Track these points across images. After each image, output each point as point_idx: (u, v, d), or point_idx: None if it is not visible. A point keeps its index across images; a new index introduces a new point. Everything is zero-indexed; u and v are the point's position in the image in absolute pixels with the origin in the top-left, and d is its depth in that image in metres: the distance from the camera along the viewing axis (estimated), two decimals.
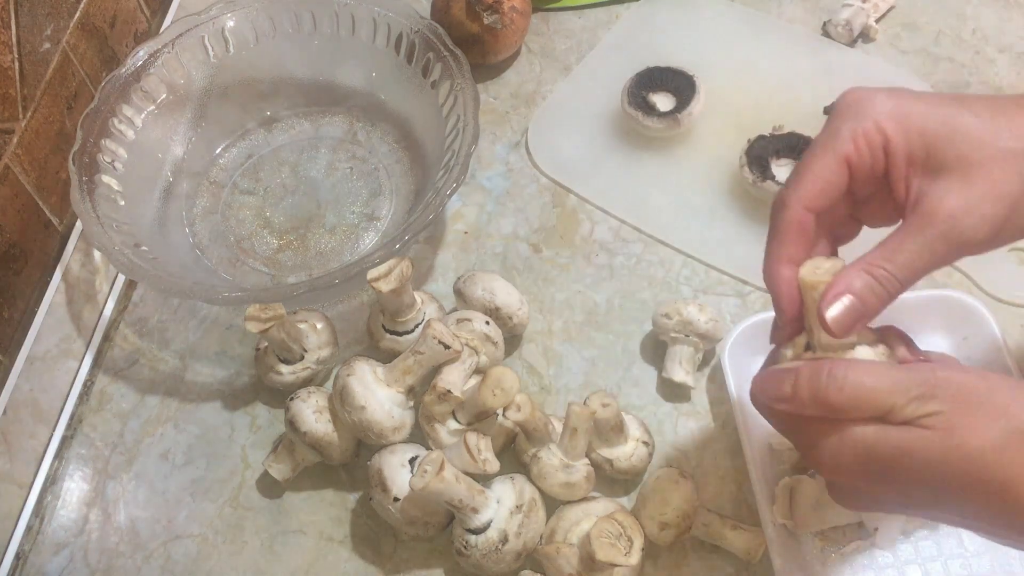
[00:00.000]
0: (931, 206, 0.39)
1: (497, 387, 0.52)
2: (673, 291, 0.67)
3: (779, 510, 0.54)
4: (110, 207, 0.64)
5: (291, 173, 0.75)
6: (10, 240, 0.66)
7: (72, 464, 0.62)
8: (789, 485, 0.54)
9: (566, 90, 0.78)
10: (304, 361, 0.61)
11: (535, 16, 0.82)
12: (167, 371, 0.66)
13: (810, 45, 0.79)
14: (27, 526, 0.60)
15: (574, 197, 0.72)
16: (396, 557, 0.57)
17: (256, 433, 0.63)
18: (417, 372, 0.55)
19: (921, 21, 0.81)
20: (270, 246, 0.71)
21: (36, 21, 0.68)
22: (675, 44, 0.80)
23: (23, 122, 0.67)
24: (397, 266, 0.57)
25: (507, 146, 0.76)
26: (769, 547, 0.53)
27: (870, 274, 0.40)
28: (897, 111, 0.40)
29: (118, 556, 0.58)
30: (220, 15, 0.72)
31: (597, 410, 0.53)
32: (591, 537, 0.48)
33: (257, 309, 0.56)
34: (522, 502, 0.52)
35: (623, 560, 0.48)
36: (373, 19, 0.72)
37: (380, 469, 0.54)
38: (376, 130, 0.76)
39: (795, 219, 0.41)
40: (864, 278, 0.40)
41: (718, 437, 0.60)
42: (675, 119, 0.71)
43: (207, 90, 0.74)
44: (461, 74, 0.67)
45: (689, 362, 0.61)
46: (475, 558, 0.52)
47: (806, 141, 0.69)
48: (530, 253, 0.70)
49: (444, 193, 0.61)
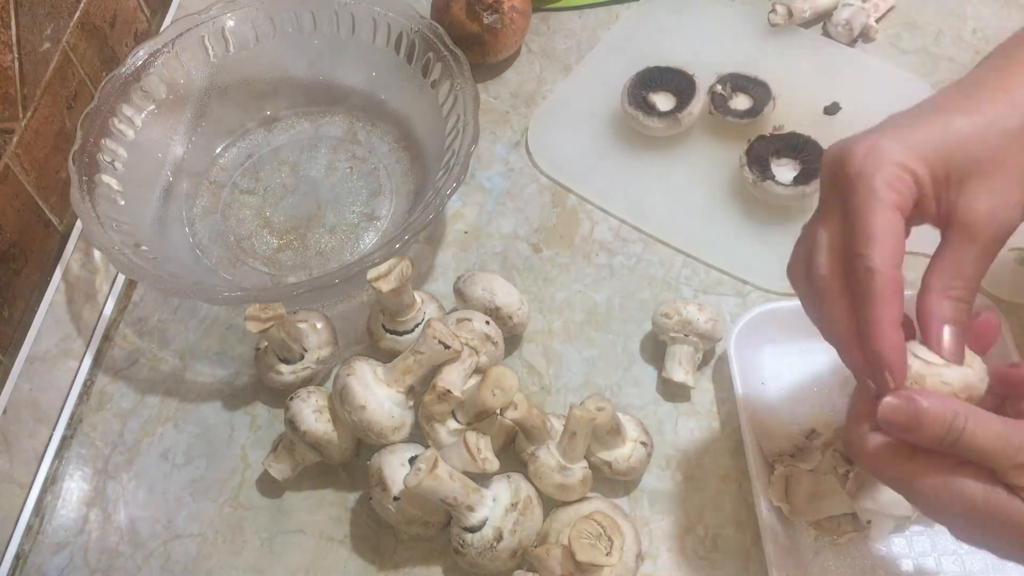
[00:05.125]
0: (969, 216, 0.41)
1: (497, 387, 0.52)
2: (673, 291, 0.67)
3: (775, 494, 0.54)
4: (110, 207, 0.64)
5: (291, 173, 0.75)
6: (10, 240, 0.66)
7: (72, 464, 0.62)
8: (785, 474, 0.55)
9: (566, 90, 0.78)
10: (304, 361, 0.61)
11: (535, 16, 0.82)
12: (167, 371, 0.66)
13: (810, 45, 0.79)
14: (27, 526, 0.60)
15: (574, 197, 0.73)
16: (396, 556, 0.57)
17: (256, 433, 0.63)
18: (417, 372, 0.56)
19: (921, 21, 0.81)
20: (270, 246, 0.71)
21: (36, 21, 0.68)
22: (675, 44, 0.80)
23: (23, 122, 0.67)
24: (397, 266, 0.57)
25: (507, 146, 0.76)
26: (762, 536, 0.53)
27: (950, 297, 0.41)
28: (907, 146, 0.41)
29: (118, 556, 0.58)
30: (220, 15, 0.72)
31: (597, 415, 0.53)
32: (570, 538, 0.48)
33: (257, 309, 0.56)
34: (517, 500, 0.52)
35: (603, 560, 0.48)
36: (373, 19, 0.72)
37: (380, 468, 0.54)
38: (376, 130, 0.76)
39: (892, 280, 0.40)
40: (948, 303, 0.41)
41: (718, 437, 0.60)
42: (675, 119, 0.71)
43: (207, 90, 0.74)
44: (461, 74, 0.67)
45: (689, 362, 0.61)
46: (471, 556, 0.52)
47: (806, 141, 0.69)
48: (530, 253, 0.70)
49: (444, 193, 0.61)
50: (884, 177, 0.41)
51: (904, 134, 0.42)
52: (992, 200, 0.41)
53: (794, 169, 0.69)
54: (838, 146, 0.43)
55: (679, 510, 0.58)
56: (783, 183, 0.67)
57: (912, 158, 0.41)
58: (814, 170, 0.67)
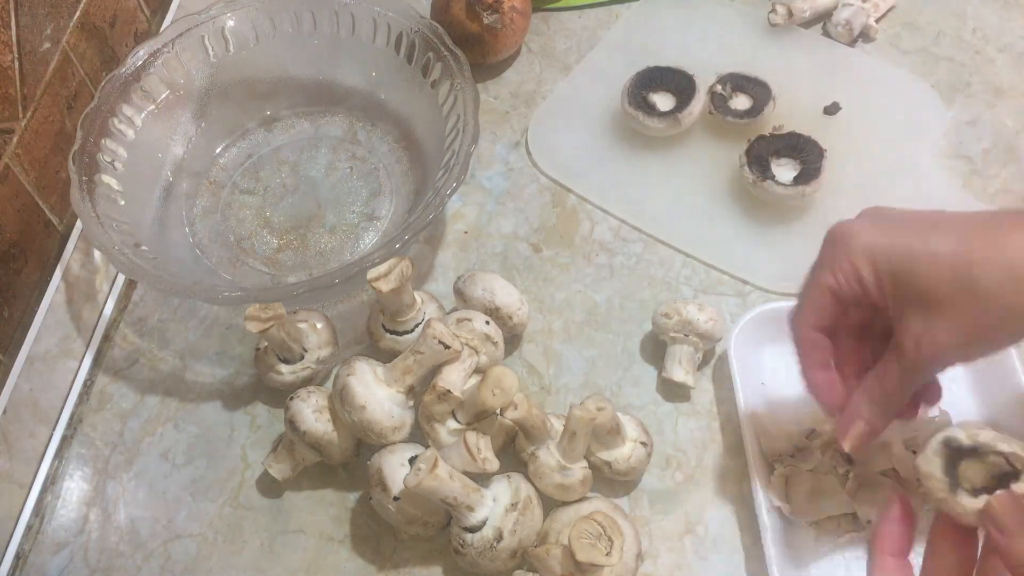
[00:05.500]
0: (901, 336, 0.44)
1: (497, 387, 0.52)
2: (673, 291, 0.67)
3: (775, 494, 0.54)
4: (110, 207, 0.64)
5: (291, 173, 0.75)
6: (10, 240, 0.66)
7: (72, 464, 0.62)
8: (785, 474, 0.54)
9: (566, 90, 0.78)
10: (304, 361, 0.61)
11: (535, 16, 0.82)
12: (167, 371, 0.66)
13: (810, 45, 0.79)
14: (27, 525, 0.60)
15: (574, 197, 0.73)
16: (396, 556, 0.57)
17: (256, 433, 0.63)
18: (417, 372, 0.55)
19: (921, 21, 0.81)
20: (270, 246, 0.71)
21: (36, 21, 0.68)
22: (675, 44, 0.80)
23: (23, 122, 0.67)
24: (397, 266, 0.57)
25: (507, 146, 0.76)
26: (762, 536, 0.53)
27: (871, 399, 0.46)
28: (868, 248, 0.45)
29: (118, 556, 0.58)
30: (220, 15, 0.72)
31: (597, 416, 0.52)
32: (570, 538, 0.48)
33: (257, 309, 0.56)
34: (517, 500, 0.52)
35: (603, 560, 0.48)
36: (373, 19, 0.72)
37: (380, 468, 0.54)
38: (376, 130, 0.76)
39: (807, 337, 0.49)
40: (865, 403, 0.47)
41: (718, 437, 0.60)
42: (675, 119, 0.71)
43: (207, 90, 0.74)
44: (461, 74, 0.67)
45: (689, 362, 0.61)
46: (471, 556, 0.52)
47: (806, 141, 0.69)
48: (530, 253, 0.70)
49: (444, 193, 0.61)
50: (832, 262, 0.46)
51: (877, 238, 0.45)
52: (922, 331, 0.43)
53: (794, 169, 0.69)
54: (843, 221, 0.47)
55: (679, 510, 0.58)
56: (783, 183, 0.67)
57: (864, 262, 0.45)
58: (814, 170, 0.67)
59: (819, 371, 0.49)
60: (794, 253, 0.46)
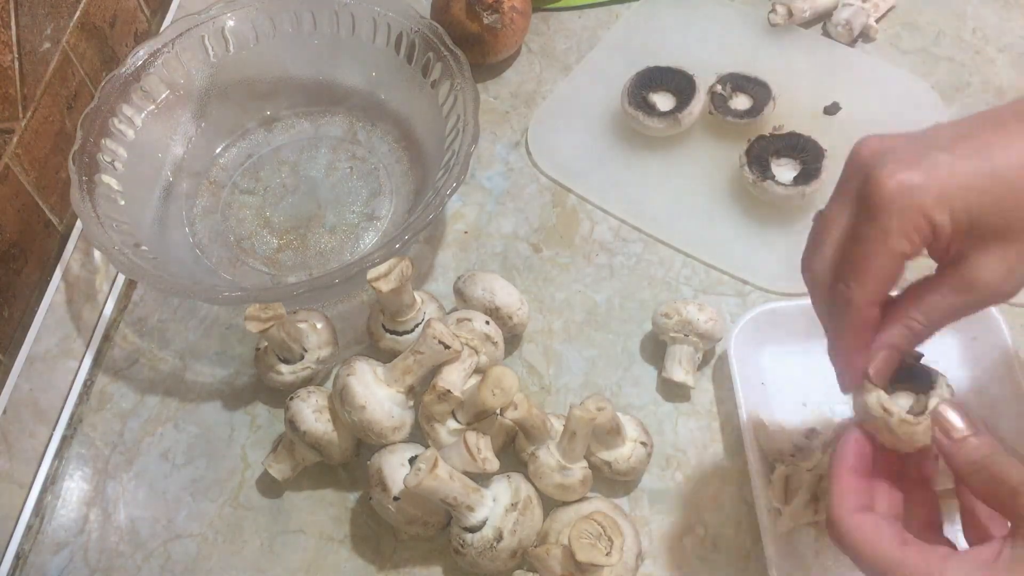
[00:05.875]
0: (973, 275, 0.40)
1: (497, 387, 0.52)
2: (673, 291, 0.67)
3: (775, 495, 0.54)
4: (110, 207, 0.64)
5: (291, 173, 0.75)
6: (10, 240, 0.66)
7: (72, 464, 0.62)
8: (785, 474, 0.54)
9: (566, 90, 0.78)
10: (304, 361, 0.61)
11: (535, 16, 0.82)
12: (167, 371, 0.66)
13: (810, 45, 0.79)
14: (27, 525, 0.60)
15: (574, 197, 0.73)
16: (396, 556, 0.57)
17: (256, 433, 0.63)
18: (417, 372, 0.56)
19: (921, 21, 0.81)
20: (270, 246, 0.71)
21: (36, 21, 0.68)
22: (675, 44, 0.80)
23: (23, 122, 0.67)
24: (397, 266, 0.57)
25: (507, 146, 0.76)
26: (763, 537, 0.53)
27: (908, 327, 0.42)
28: (938, 192, 0.40)
29: (118, 556, 0.58)
30: (220, 15, 0.72)
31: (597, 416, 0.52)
32: (570, 538, 0.48)
33: (257, 309, 0.56)
34: (517, 500, 0.52)
35: (603, 560, 0.48)
36: (373, 19, 0.72)
37: (380, 468, 0.54)
38: (376, 130, 0.76)
39: (869, 316, 0.43)
40: (900, 330, 0.42)
41: (718, 437, 0.60)
42: (675, 119, 0.71)
43: (207, 90, 0.74)
44: (461, 74, 0.67)
45: (689, 362, 0.61)
46: (471, 556, 0.52)
47: (806, 141, 0.69)
48: (530, 253, 0.70)
49: (444, 193, 0.61)
50: (903, 225, 0.40)
51: (943, 177, 0.40)
52: (1002, 268, 0.40)
53: (794, 169, 0.69)
54: (873, 150, 0.41)
55: (679, 510, 0.58)
56: (783, 183, 0.67)
57: (938, 208, 0.39)
58: (814, 170, 0.67)
59: (862, 355, 0.44)
60: (794, 253, 0.45)
